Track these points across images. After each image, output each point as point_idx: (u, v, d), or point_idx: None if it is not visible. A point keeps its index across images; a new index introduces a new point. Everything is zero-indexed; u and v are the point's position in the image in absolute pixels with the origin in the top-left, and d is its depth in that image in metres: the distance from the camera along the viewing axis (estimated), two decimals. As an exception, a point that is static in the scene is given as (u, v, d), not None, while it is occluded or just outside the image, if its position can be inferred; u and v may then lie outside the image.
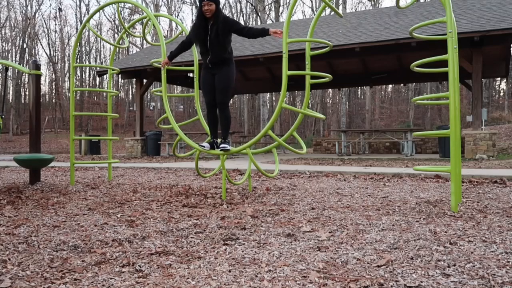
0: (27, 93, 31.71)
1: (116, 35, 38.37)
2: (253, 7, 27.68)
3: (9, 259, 2.20)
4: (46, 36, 44.33)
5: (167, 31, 37.43)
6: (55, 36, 52.08)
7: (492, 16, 9.89)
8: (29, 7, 46.45)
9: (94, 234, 2.75)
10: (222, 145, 4.24)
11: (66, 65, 40.11)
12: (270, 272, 1.95)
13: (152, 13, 5.37)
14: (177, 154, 5.11)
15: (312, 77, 4.70)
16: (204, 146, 4.30)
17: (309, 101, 25.03)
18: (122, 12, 33.11)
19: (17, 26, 39.25)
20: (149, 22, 5.73)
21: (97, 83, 40.61)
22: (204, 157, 12.00)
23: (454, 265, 1.98)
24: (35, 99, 5.45)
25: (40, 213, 3.55)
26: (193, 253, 2.27)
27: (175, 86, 33.02)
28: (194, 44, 4.63)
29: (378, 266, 2.00)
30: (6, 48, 39.67)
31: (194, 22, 4.30)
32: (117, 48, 7.40)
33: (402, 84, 20.35)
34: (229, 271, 1.97)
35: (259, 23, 24.84)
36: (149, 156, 13.23)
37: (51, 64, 40.79)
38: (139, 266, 2.06)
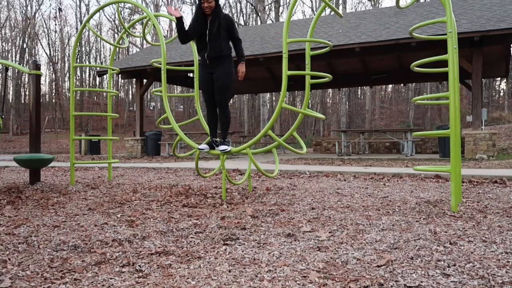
0: (27, 93, 31.72)
1: (116, 35, 38.38)
2: (253, 7, 27.68)
3: (9, 259, 2.20)
4: (46, 36, 44.41)
5: (167, 31, 37.44)
6: (55, 36, 52.16)
7: (492, 16, 9.89)
8: (29, 7, 46.50)
9: (94, 234, 2.75)
10: (221, 147, 4.17)
11: (66, 65, 40.13)
12: (270, 272, 1.95)
13: (152, 13, 5.37)
14: (177, 154, 5.11)
15: (312, 77, 4.70)
16: (203, 149, 4.25)
17: (309, 101, 25.03)
18: (122, 12, 33.12)
19: (17, 26, 39.27)
20: (149, 22, 5.73)
21: (97, 83, 40.63)
22: (204, 157, 12.01)
23: (454, 265, 1.98)
24: (35, 99, 5.45)
25: (40, 213, 3.55)
26: (193, 253, 2.27)
27: (175, 86, 33.03)
28: (193, 42, 4.52)
29: (378, 266, 2.00)
30: (6, 48, 39.70)
31: (192, 18, 4.27)
32: (117, 48, 7.40)
33: (402, 84, 20.35)
34: (229, 271, 1.97)
35: (259, 23, 24.84)
36: (149, 156, 13.23)
37: (51, 64, 40.81)
38: (139, 266, 2.06)
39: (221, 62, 4.16)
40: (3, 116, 5.59)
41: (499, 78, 29.98)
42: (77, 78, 39.26)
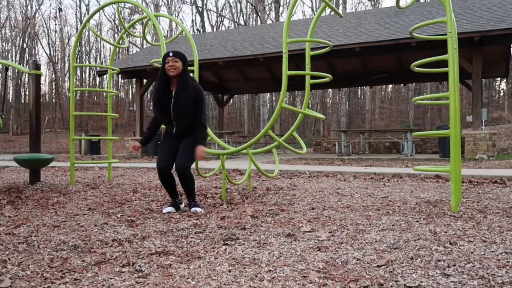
0: (27, 93, 31.73)
1: (116, 35, 38.40)
2: (253, 7, 27.68)
3: (9, 259, 2.20)
4: (46, 36, 44.38)
5: (167, 31, 37.43)
6: (55, 36, 52.14)
7: (492, 16, 9.89)
8: (29, 7, 46.49)
9: (94, 234, 2.75)
10: (194, 208, 3.53)
11: (66, 65, 40.14)
12: (270, 272, 1.95)
13: (152, 13, 5.37)
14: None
15: (312, 77, 4.70)
16: (169, 212, 3.49)
17: (309, 101, 25.03)
18: (122, 12, 33.12)
19: (17, 26, 39.28)
20: (149, 22, 5.73)
21: (97, 83, 40.64)
22: (204, 157, 11.99)
23: (454, 265, 1.98)
24: (35, 99, 5.45)
25: (40, 213, 3.55)
26: (193, 253, 2.27)
27: (175, 86, 32.93)
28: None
29: (378, 266, 2.00)
30: (6, 48, 39.71)
31: (155, 87, 3.51)
32: (117, 48, 7.40)
33: (402, 84, 20.35)
34: (229, 271, 1.97)
35: (259, 23, 24.85)
36: (149, 156, 13.23)
37: (51, 64, 40.83)
38: (139, 266, 2.06)
39: (189, 134, 3.60)
40: (3, 116, 5.59)
41: (499, 78, 29.97)
42: (77, 78, 39.27)
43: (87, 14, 40.11)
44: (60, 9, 48.89)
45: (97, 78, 39.80)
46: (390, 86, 36.63)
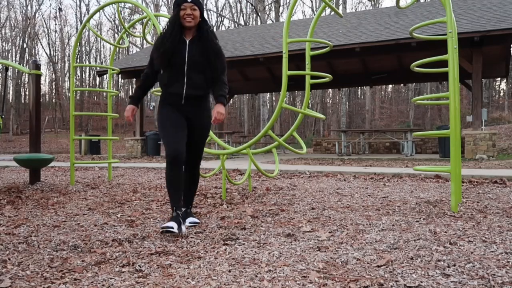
0: (27, 93, 31.74)
1: (116, 35, 38.40)
2: (253, 7, 27.68)
3: (9, 259, 2.20)
4: (46, 36, 44.36)
5: (167, 31, 37.38)
6: (55, 36, 52.14)
7: (492, 16, 9.89)
8: (29, 7, 46.52)
9: (94, 234, 2.75)
10: (190, 219, 2.96)
11: (66, 65, 40.14)
12: (270, 272, 1.95)
13: (152, 13, 5.37)
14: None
15: (312, 77, 4.70)
16: (172, 228, 2.61)
17: (309, 101, 25.02)
18: (122, 12, 33.13)
19: (17, 26, 39.30)
20: (149, 22, 5.73)
21: (97, 83, 40.65)
22: (204, 157, 12.01)
23: (454, 265, 1.98)
24: (35, 99, 5.45)
25: (40, 213, 3.55)
26: (193, 253, 2.27)
27: (175, 86, 32.90)
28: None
29: (378, 266, 2.00)
30: (6, 48, 39.72)
31: (162, 33, 2.96)
32: (117, 48, 7.40)
33: (402, 84, 20.34)
34: (229, 271, 1.97)
35: (259, 23, 24.85)
36: (149, 156, 13.23)
37: (51, 64, 40.84)
38: (139, 266, 2.06)
39: (202, 105, 2.97)
40: (3, 116, 5.59)
41: (499, 78, 29.97)
42: (77, 78, 39.28)
43: (87, 14, 40.12)
44: (60, 9, 48.86)
45: (97, 78, 39.83)
46: (390, 86, 36.65)
